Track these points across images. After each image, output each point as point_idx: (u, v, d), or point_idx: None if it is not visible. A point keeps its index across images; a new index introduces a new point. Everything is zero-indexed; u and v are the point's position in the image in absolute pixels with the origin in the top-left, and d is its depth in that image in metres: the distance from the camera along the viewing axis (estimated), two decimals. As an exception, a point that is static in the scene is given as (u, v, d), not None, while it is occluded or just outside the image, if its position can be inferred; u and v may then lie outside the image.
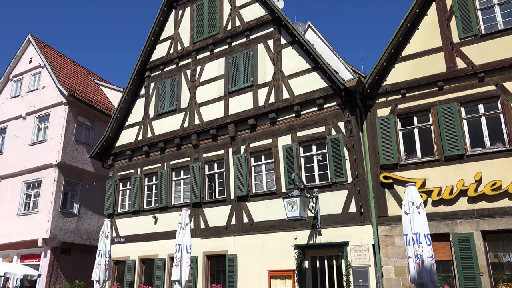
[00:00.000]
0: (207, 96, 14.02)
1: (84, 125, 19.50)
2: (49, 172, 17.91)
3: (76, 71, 22.80)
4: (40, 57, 20.40)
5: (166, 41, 15.85)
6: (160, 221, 13.91)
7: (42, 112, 19.28)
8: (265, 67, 13.01)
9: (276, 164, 11.97)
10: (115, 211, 15.23)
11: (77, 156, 18.51)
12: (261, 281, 11.24)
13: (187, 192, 13.73)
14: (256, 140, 12.60)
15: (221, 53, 14.25)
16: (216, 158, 13.30)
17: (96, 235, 18.44)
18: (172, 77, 15.29)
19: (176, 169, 14.21)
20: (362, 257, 10.09)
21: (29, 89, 20.42)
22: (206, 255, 12.55)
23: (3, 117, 20.70)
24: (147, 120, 15.40)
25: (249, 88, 13.11)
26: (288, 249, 11.02)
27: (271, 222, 11.55)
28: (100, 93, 22.80)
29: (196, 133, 13.79)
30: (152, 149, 14.95)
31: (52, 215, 17.02)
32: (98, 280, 12.50)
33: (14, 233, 17.77)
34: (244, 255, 11.79)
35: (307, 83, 11.93)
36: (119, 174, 15.66)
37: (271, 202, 11.72)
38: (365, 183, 10.56)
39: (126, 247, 14.44)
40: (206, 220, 12.87)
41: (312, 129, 11.60)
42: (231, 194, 12.59)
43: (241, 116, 12.90)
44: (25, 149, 19.05)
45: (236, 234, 12.13)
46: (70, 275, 16.97)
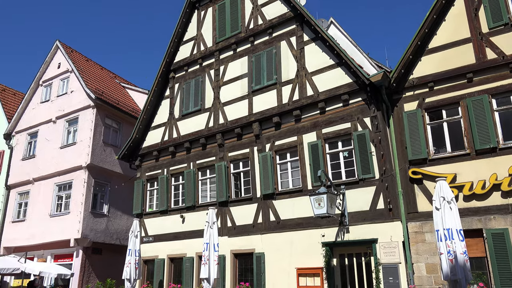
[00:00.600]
0: (231, 95, 14.07)
1: (112, 127, 19.89)
2: (79, 174, 18.37)
3: (102, 74, 23.30)
4: (68, 62, 20.93)
5: (189, 42, 16.00)
6: (187, 220, 14.06)
7: (71, 116, 19.77)
8: (288, 64, 12.96)
9: (302, 161, 11.91)
10: (143, 211, 15.48)
11: (105, 158, 18.91)
12: (289, 279, 11.21)
13: (213, 191, 13.83)
14: (281, 138, 12.57)
15: (244, 52, 14.28)
16: (242, 156, 13.34)
17: (125, 235, 18.81)
18: (196, 77, 15.42)
19: (202, 168, 14.33)
20: (392, 254, 9.93)
21: (58, 93, 20.98)
22: (234, 254, 12.61)
23: (35, 121, 21.34)
24: (173, 120, 15.59)
25: (273, 86, 13.08)
26: (316, 247, 10.95)
27: (298, 220, 11.50)
28: (126, 95, 23.22)
29: (221, 133, 13.87)
30: (178, 149, 15.12)
31: (83, 216, 17.44)
32: (129, 279, 12.74)
33: (47, 234, 18.32)
34: (271, 253, 11.79)
35: (331, 79, 11.82)
36: (147, 175, 15.91)
37: (297, 199, 11.67)
38: (393, 179, 10.38)
39: (154, 246, 14.65)
40: (233, 218, 12.93)
41: (338, 126, 11.49)
42: (257, 192, 12.60)
43: (265, 114, 12.89)
44: (56, 152, 19.59)
45: (263, 232, 12.14)
46: (102, 274, 17.36)
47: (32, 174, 20.15)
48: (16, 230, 19.87)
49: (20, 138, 21.84)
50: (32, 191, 20.05)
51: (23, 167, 20.85)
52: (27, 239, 19.06)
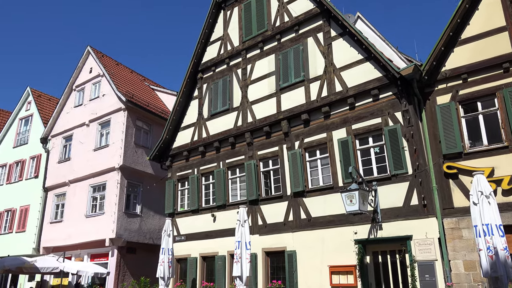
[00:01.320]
0: (259, 94, 14.09)
1: (142, 129, 20.29)
2: (112, 175, 18.83)
3: (132, 78, 23.80)
4: (99, 66, 21.49)
5: (216, 42, 16.12)
6: (218, 219, 14.17)
7: (104, 119, 20.29)
8: (315, 61, 12.86)
9: (332, 158, 11.80)
10: (175, 211, 15.71)
11: (137, 159, 19.31)
12: (321, 277, 11.12)
13: (243, 190, 13.88)
14: (310, 135, 12.48)
15: (270, 50, 14.27)
16: (271, 155, 13.33)
17: (158, 235, 19.15)
18: (224, 77, 15.52)
19: (231, 167, 14.41)
20: (428, 251, 9.69)
21: (91, 97, 21.57)
22: (265, 252, 12.62)
23: (69, 125, 22.02)
24: (202, 120, 15.75)
25: (301, 83, 13.01)
26: (348, 244, 10.82)
27: (330, 217, 11.39)
28: (155, 97, 23.64)
29: (249, 131, 13.90)
30: (207, 149, 15.26)
31: (117, 216, 17.87)
32: (163, 277, 12.94)
33: (83, 234, 18.86)
34: (303, 251, 11.72)
35: (360, 74, 11.65)
36: (177, 175, 16.14)
37: (328, 197, 11.56)
38: (427, 174, 10.13)
39: (187, 245, 14.84)
40: (264, 217, 12.94)
41: (368, 121, 11.31)
42: (287, 190, 12.56)
43: (293, 111, 12.83)
44: (90, 154, 20.15)
45: (294, 230, 12.09)
46: (136, 272, 17.74)
47: (67, 176, 20.81)
48: (54, 230, 20.57)
49: (56, 141, 22.59)
50: (68, 192, 20.70)
51: (59, 170, 21.56)
52: (64, 239, 19.69)
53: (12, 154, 25.52)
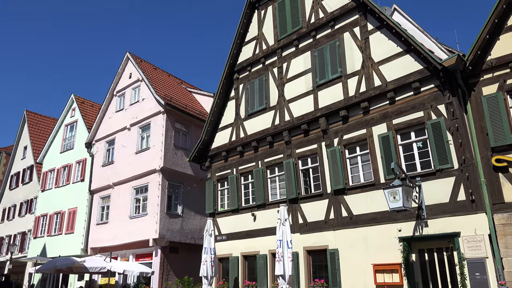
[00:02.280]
0: (296, 92, 14.02)
1: (181, 131, 20.68)
2: (154, 177, 19.30)
3: (169, 81, 24.31)
4: (138, 71, 22.10)
5: (251, 42, 16.18)
6: (258, 218, 14.21)
7: (144, 122, 20.84)
8: (353, 56, 12.65)
9: (373, 154, 11.55)
10: (215, 211, 15.89)
11: (177, 161, 19.70)
12: (365, 275, 10.92)
13: (282, 188, 13.85)
14: (349, 131, 12.29)
15: (306, 47, 14.16)
16: (309, 153, 13.23)
17: (199, 234, 19.45)
18: (260, 76, 15.55)
19: (270, 166, 14.42)
20: (477, 249, 9.30)
21: (131, 102, 22.21)
22: (307, 250, 12.53)
23: (111, 129, 22.78)
24: (239, 121, 15.85)
25: (338, 79, 12.83)
26: (393, 242, 10.55)
27: (372, 215, 11.16)
28: (192, 99, 24.03)
29: (287, 130, 13.85)
30: (245, 149, 15.34)
31: (160, 217, 18.30)
32: (206, 276, 13.14)
33: (128, 235, 19.45)
34: (345, 250, 11.55)
35: (400, 67, 11.34)
36: (217, 175, 16.32)
37: (370, 194, 11.33)
38: (475, 168, 9.72)
39: (228, 245, 14.97)
40: (304, 215, 12.86)
41: (409, 115, 10.99)
42: (327, 188, 12.42)
43: (331, 108, 12.68)
44: (132, 157, 20.75)
45: (336, 228, 11.93)
46: (179, 272, 18.11)
47: (111, 179, 21.53)
48: (101, 231, 21.33)
49: (100, 146, 23.43)
50: (113, 195, 21.40)
51: (103, 173, 22.34)
52: (110, 240, 20.38)
53: (59, 159, 26.73)
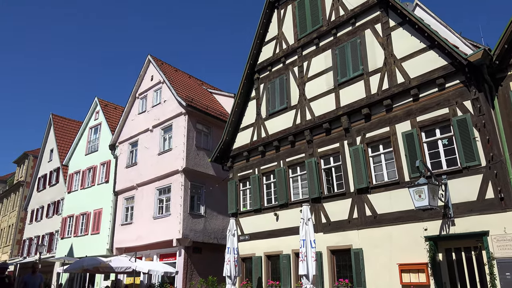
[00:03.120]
0: (317, 91, 13.94)
1: (203, 132, 20.82)
2: (176, 178, 19.50)
3: (190, 82, 24.52)
4: (159, 74, 22.36)
5: (271, 41, 16.18)
6: (281, 218, 14.18)
7: (166, 124, 21.08)
8: (374, 53, 12.49)
9: (396, 152, 11.38)
10: (238, 210, 15.94)
11: (199, 161, 19.84)
12: (391, 275, 10.76)
13: (305, 188, 13.79)
14: (371, 129, 12.14)
15: (326, 45, 14.07)
16: (332, 152, 13.13)
17: (222, 234, 19.55)
18: (280, 76, 15.53)
19: (292, 166, 14.38)
20: (508, 248, 9.04)
21: (153, 104, 22.50)
22: (330, 250, 12.44)
23: (134, 131, 23.12)
24: (260, 120, 15.86)
25: (360, 77, 12.70)
26: (418, 241, 10.37)
27: (397, 214, 10.99)
28: (213, 100, 24.17)
29: (309, 129, 13.78)
30: (267, 148, 15.34)
31: (183, 217, 18.47)
32: (230, 276, 13.18)
33: (152, 235, 19.71)
34: (370, 249, 11.42)
35: (424, 63, 11.14)
36: (239, 175, 16.37)
37: (394, 192, 11.16)
38: (503, 165, 9.45)
39: (251, 244, 14.99)
40: (327, 214, 12.77)
41: (434, 112, 10.78)
42: (350, 187, 12.30)
43: (353, 106, 12.55)
44: (154, 158, 21.01)
45: (360, 228, 11.80)
46: (203, 272, 18.25)
47: (135, 180, 21.85)
48: (125, 232, 21.68)
49: (123, 147, 23.81)
50: (136, 196, 21.72)
51: (127, 174, 22.70)
52: (135, 240, 20.68)
53: (84, 161, 27.32)
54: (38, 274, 9.79)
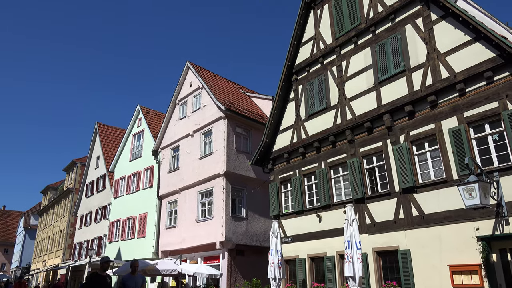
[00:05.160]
0: (357, 90, 13.72)
1: (242, 135, 20.99)
2: (218, 181, 19.75)
3: (228, 87, 24.81)
4: (198, 79, 22.78)
5: (309, 42, 16.10)
6: (324, 219, 14.03)
7: (206, 128, 21.42)
8: (416, 48, 12.16)
9: (443, 150, 10.99)
10: (280, 212, 15.92)
11: (239, 165, 20.01)
12: (441, 277, 10.38)
13: (347, 188, 13.59)
14: (416, 127, 11.80)
15: (365, 43, 13.84)
16: (374, 151, 12.87)
17: (264, 237, 19.59)
18: (319, 76, 15.41)
19: (333, 166, 14.21)
20: None
21: (193, 109, 22.93)
22: (376, 251, 12.17)
23: (176, 137, 23.65)
24: (299, 122, 15.80)
25: (401, 74, 12.39)
26: (470, 242, 9.94)
27: (445, 213, 10.60)
28: (252, 104, 24.33)
29: (350, 128, 13.59)
30: (307, 150, 15.25)
31: (225, 220, 18.67)
32: (274, 278, 13.17)
33: (195, 238, 20.05)
34: (418, 250, 11.07)
35: (469, 56, 10.72)
36: (279, 177, 16.36)
37: (442, 191, 10.78)
38: (561, 160, 8.92)
39: (294, 247, 14.92)
40: (372, 215, 12.51)
41: (482, 107, 10.34)
42: (395, 186, 12.00)
43: (396, 104, 12.25)
44: (196, 163, 21.39)
45: (406, 228, 11.48)
46: (246, 274, 18.34)
47: (178, 184, 22.32)
48: (170, 235, 22.17)
49: (165, 153, 24.40)
50: (179, 200, 22.18)
51: (170, 179, 23.24)
52: (179, 243, 21.10)
53: (129, 167, 28.21)
54: (138, 274, 8.59)
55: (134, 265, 8.40)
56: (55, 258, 40.04)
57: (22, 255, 59.52)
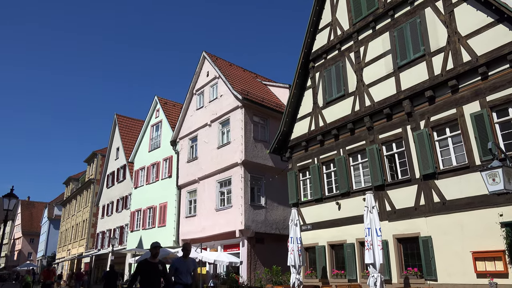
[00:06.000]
0: (375, 76, 13.54)
1: (259, 124, 20.99)
2: (236, 170, 19.85)
3: (245, 76, 24.75)
4: (215, 69, 22.79)
5: (325, 29, 15.90)
6: (343, 206, 14.00)
7: (223, 118, 21.48)
8: (436, 32, 11.89)
9: (465, 135, 10.80)
10: (299, 200, 15.94)
11: (257, 153, 20.05)
12: (464, 263, 10.28)
13: (367, 176, 13.50)
14: (436, 112, 11.60)
15: (383, 28, 13.60)
16: (394, 137, 12.73)
17: (283, 224, 19.67)
18: (336, 63, 15.25)
19: (352, 154, 14.12)
20: None
21: (210, 99, 23.00)
22: (397, 238, 12.10)
23: (193, 127, 23.80)
24: (317, 109, 15.70)
25: (421, 58, 12.16)
26: (493, 228, 9.80)
27: (468, 199, 10.46)
28: (268, 92, 24.25)
29: (368, 115, 13.45)
30: (326, 137, 15.17)
31: (244, 209, 18.79)
32: (294, 265, 13.25)
33: (215, 226, 20.26)
34: (439, 237, 10.97)
35: (492, 39, 10.44)
36: (298, 165, 16.34)
37: (464, 177, 10.62)
38: None
39: (313, 234, 14.95)
40: (392, 202, 12.42)
41: (505, 90, 10.09)
42: (415, 173, 11.87)
43: (416, 89, 12.05)
44: (214, 152, 21.53)
45: (428, 215, 11.36)
46: (266, 261, 18.49)
47: (196, 174, 22.53)
48: (190, 224, 22.46)
49: (183, 143, 24.61)
50: (199, 189, 22.40)
51: (188, 169, 23.46)
52: (199, 232, 21.37)
53: (148, 157, 28.57)
54: (190, 258, 7.66)
55: (186, 248, 7.56)
56: (79, 247, 41.08)
57: (47, 244, 61.27)
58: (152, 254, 7.06)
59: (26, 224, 75.01)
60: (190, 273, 7.34)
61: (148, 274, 6.79)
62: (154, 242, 7.13)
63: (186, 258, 7.48)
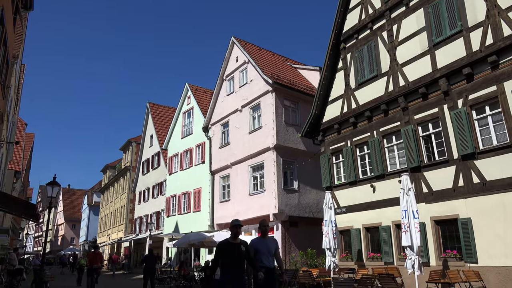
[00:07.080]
0: (409, 54, 13.15)
1: (290, 108, 20.86)
2: (268, 155, 19.89)
3: (274, 60, 24.57)
4: (244, 54, 22.72)
5: (356, 8, 15.51)
6: (377, 189, 13.83)
7: (254, 103, 21.48)
8: (474, 6, 11.38)
9: (506, 113, 10.36)
10: (332, 184, 15.85)
11: (289, 137, 20.00)
12: (505, 246, 9.99)
13: (402, 157, 13.25)
14: (475, 90, 11.17)
15: (417, 4, 13.13)
16: (430, 117, 12.38)
17: (317, 208, 19.65)
18: (368, 43, 14.88)
19: (386, 135, 13.86)
20: None
21: (240, 84, 23.01)
22: (434, 220, 11.88)
23: (224, 113, 23.94)
24: (349, 91, 15.44)
25: (458, 34, 11.69)
26: (537, 208, 9.46)
27: (510, 180, 10.08)
28: (298, 75, 24.01)
29: (403, 95, 13.12)
30: (358, 119, 14.93)
31: (277, 193, 18.87)
32: (329, 248, 13.26)
33: (249, 211, 20.46)
34: (479, 218, 10.68)
35: (535, 10, 9.89)
36: (330, 148, 16.20)
37: (505, 156, 10.24)
38: None
39: (348, 217, 14.88)
40: (428, 184, 12.16)
41: (551, 64, 9.59)
42: (453, 153, 11.54)
43: (453, 67, 11.63)
44: (246, 137, 21.62)
45: (466, 196, 11.06)
46: (300, 245, 18.59)
47: (229, 159, 22.74)
48: (224, 209, 22.79)
49: (215, 129, 24.83)
50: (231, 174, 22.63)
51: (221, 154, 23.71)
52: (233, 216, 21.53)
53: (181, 144, 29.04)
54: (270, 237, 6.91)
55: (265, 224, 6.72)
56: (118, 232, 42.56)
57: (88, 230, 63.83)
58: (232, 233, 6.04)
59: (67, 211, 78.37)
60: (271, 254, 6.58)
61: (231, 256, 5.84)
62: (234, 220, 6.15)
63: (265, 237, 6.69)
